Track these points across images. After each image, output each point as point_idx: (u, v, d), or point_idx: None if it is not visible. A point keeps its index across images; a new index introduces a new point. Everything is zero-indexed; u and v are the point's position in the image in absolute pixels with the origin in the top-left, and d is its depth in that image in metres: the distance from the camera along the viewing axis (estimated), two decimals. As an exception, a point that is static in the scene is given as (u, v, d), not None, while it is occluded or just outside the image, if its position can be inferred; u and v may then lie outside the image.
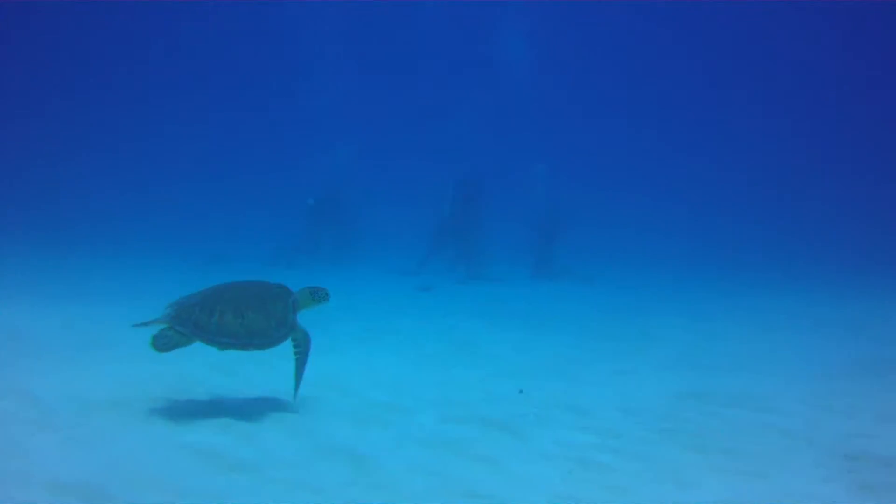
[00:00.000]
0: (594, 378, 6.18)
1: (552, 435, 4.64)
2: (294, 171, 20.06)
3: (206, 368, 5.75)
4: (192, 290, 4.45)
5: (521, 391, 5.63)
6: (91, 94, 26.97)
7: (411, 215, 15.92)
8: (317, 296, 4.43)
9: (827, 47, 27.30)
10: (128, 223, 18.07)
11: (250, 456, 4.02)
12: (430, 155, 18.29)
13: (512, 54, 23.34)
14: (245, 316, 4.03)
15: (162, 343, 4.03)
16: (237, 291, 4.16)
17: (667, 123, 30.74)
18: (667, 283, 13.86)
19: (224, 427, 4.41)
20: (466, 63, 25.60)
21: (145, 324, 4.12)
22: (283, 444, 4.23)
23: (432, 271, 13.82)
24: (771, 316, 9.76)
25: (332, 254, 15.64)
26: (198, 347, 4.38)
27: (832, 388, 5.89)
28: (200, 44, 28.16)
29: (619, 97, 31.30)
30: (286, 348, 4.61)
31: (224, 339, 3.99)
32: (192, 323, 3.99)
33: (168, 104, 27.35)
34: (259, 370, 5.87)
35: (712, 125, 30.58)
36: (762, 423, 4.97)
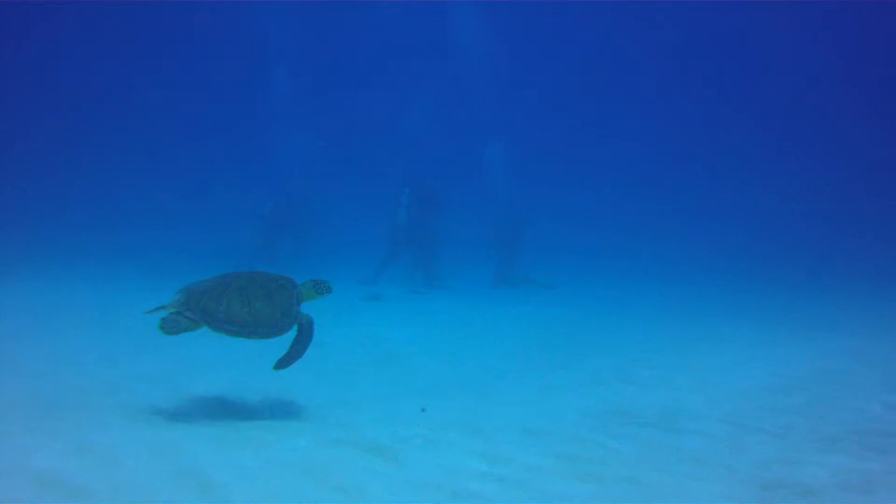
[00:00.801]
0: (513, 394, 5.63)
1: (437, 460, 4.09)
2: (250, 179, 19.53)
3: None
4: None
5: (423, 410, 5.08)
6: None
7: (371, 222, 15.36)
8: (319, 288, 4.54)
9: (793, 41, 26.98)
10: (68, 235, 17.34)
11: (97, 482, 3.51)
12: (386, 160, 17.74)
13: (467, 53, 22.69)
14: (252, 305, 4.10)
15: (170, 327, 4.10)
16: (244, 281, 4.21)
17: (643, 122, 30.27)
18: (633, 289, 13.34)
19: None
20: (421, 62, 24.85)
21: (156, 310, 4.18)
22: (139, 469, 3.71)
23: (389, 280, 13.28)
24: (728, 325, 9.21)
25: (290, 262, 15.14)
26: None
27: (770, 404, 5.33)
28: (163, 44, 27.56)
29: (582, 97, 30.78)
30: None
31: (232, 326, 4.08)
32: (200, 309, 4.07)
33: (109, 103, 26.63)
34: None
35: (694, 124, 30.15)
36: (680, 446, 4.41)
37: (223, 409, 4.89)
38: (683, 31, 29.09)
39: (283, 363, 4.49)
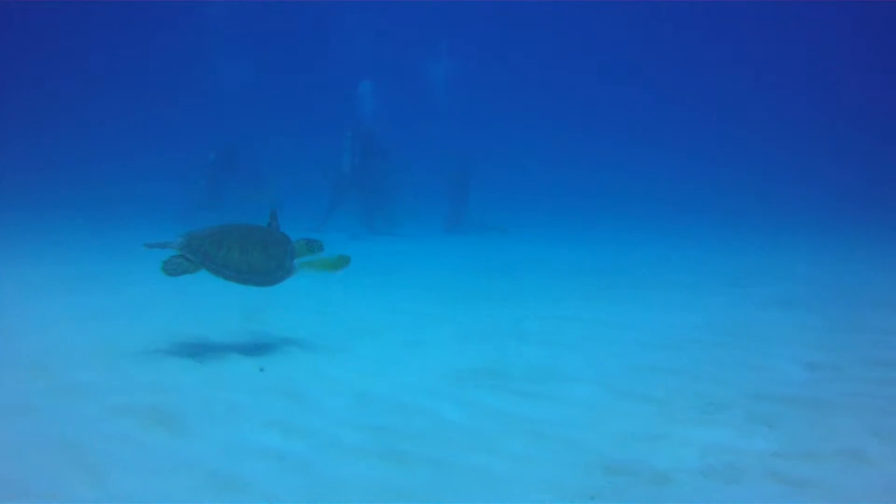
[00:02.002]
0: (374, 352, 4.78)
1: (229, 433, 3.30)
2: (196, 125, 18.53)
3: None
4: None
5: (261, 370, 4.27)
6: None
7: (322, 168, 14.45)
8: (311, 246, 4.60)
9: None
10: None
11: None
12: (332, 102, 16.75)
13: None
14: (249, 254, 4.26)
15: (171, 268, 4.22)
16: (243, 232, 4.34)
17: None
18: (589, 236, 12.52)
19: None
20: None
21: (159, 245, 4.30)
22: None
23: (335, 228, 12.47)
24: (657, 270, 8.35)
25: (237, 210, 14.33)
26: None
27: (663, 362, 4.48)
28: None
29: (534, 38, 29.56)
30: None
31: (229, 271, 4.23)
32: (201, 252, 4.21)
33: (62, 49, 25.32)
34: None
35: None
36: (528, 416, 3.57)
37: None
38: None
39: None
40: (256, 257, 4.29)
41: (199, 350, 4.63)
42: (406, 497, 2.72)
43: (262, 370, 4.25)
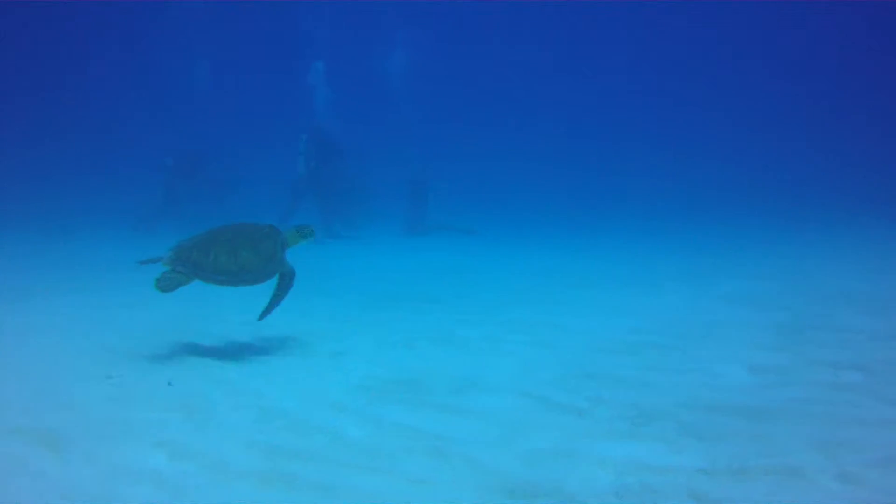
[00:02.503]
0: (294, 362, 4.40)
1: (116, 455, 3.00)
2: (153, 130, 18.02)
3: None
4: None
5: (169, 384, 3.92)
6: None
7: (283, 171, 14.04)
8: (303, 232, 4.53)
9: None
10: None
11: None
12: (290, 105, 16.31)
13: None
14: (238, 255, 4.21)
15: (165, 284, 4.16)
16: (230, 233, 4.28)
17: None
18: (558, 232, 12.23)
19: None
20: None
21: (149, 261, 4.30)
22: None
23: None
24: (617, 268, 7.98)
25: (197, 216, 13.92)
26: None
27: (599, 367, 4.11)
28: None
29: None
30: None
31: (220, 276, 4.19)
32: (191, 263, 4.17)
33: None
34: None
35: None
36: (437, 432, 3.21)
37: None
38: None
39: (265, 314, 4.47)
40: (246, 256, 4.24)
41: (114, 365, 4.24)
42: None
43: (170, 384, 3.88)
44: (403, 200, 13.04)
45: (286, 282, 4.49)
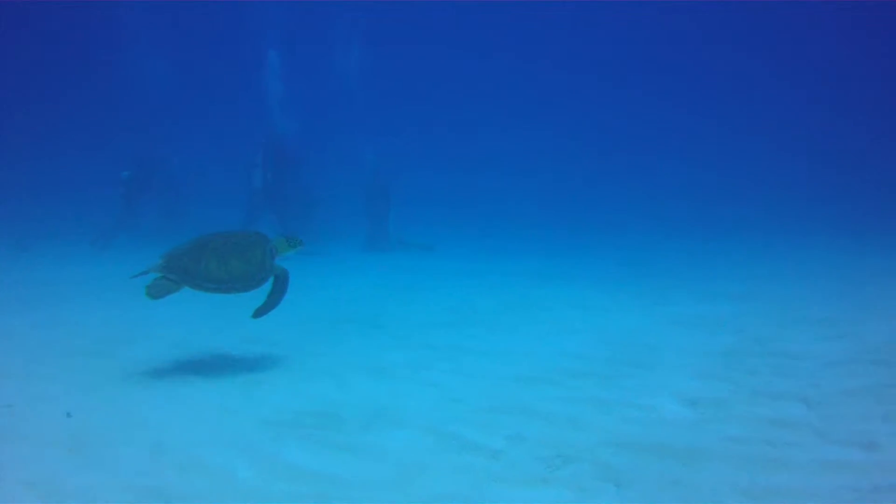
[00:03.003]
0: (204, 393, 4.05)
1: None
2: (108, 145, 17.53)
3: None
4: None
5: (69, 415, 3.60)
6: None
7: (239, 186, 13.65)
8: (291, 242, 4.55)
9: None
10: None
11: None
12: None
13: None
14: (228, 263, 4.21)
15: (155, 291, 4.13)
16: (220, 241, 4.27)
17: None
18: (522, 246, 11.94)
19: None
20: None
21: (142, 273, 4.24)
22: None
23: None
24: (575, 287, 7.68)
25: (154, 230, 13.55)
26: None
27: (523, 401, 3.79)
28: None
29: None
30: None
31: (210, 284, 4.18)
32: (181, 270, 4.16)
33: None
34: None
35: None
36: (330, 475, 2.89)
37: None
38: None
39: (259, 312, 4.48)
40: (235, 264, 4.23)
41: (13, 395, 3.85)
42: None
43: (69, 415, 3.56)
44: (362, 213, 12.68)
45: (281, 283, 4.49)
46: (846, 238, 12.36)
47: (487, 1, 27.75)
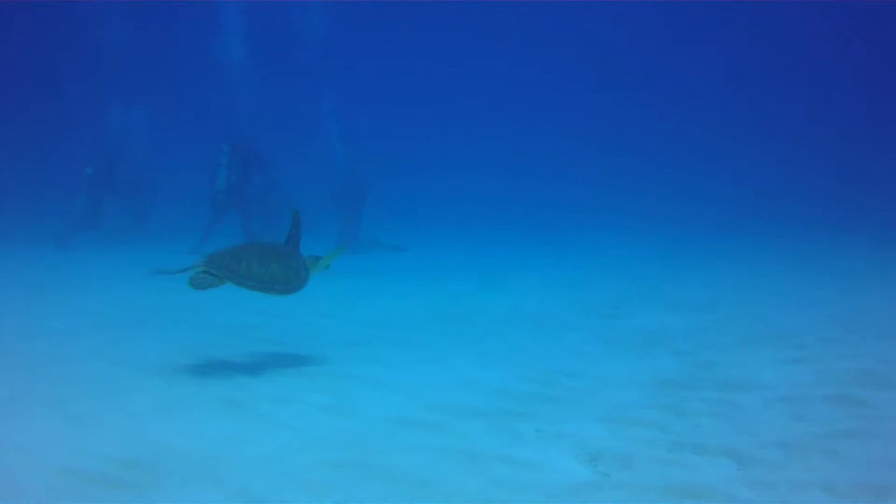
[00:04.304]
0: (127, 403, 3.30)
1: None
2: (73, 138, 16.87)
3: None
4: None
5: None
6: None
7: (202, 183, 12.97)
8: (316, 264, 4.63)
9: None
10: None
11: None
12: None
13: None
14: (268, 265, 4.41)
15: (199, 282, 4.31)
16: (259, 248, 4.49)
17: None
18: (492, 247, 11.28)
19: None
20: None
21: (184, 269, 4.40)
22: None
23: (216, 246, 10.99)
24: (526, 298, 6.95)
25: (117, 229, 13.02)
26: None
27: (394, 455, 3.05)
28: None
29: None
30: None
31: (251, 282, 4.35)
32: (224, 267, 4.32)
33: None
34: None
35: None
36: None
37: None
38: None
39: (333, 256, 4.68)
40: (275, 268, 4.41)
41: None
42: None
43: None
44: (333, 212, 12.07)
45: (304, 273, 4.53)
46: (846, 237, 11.64)
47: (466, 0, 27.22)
